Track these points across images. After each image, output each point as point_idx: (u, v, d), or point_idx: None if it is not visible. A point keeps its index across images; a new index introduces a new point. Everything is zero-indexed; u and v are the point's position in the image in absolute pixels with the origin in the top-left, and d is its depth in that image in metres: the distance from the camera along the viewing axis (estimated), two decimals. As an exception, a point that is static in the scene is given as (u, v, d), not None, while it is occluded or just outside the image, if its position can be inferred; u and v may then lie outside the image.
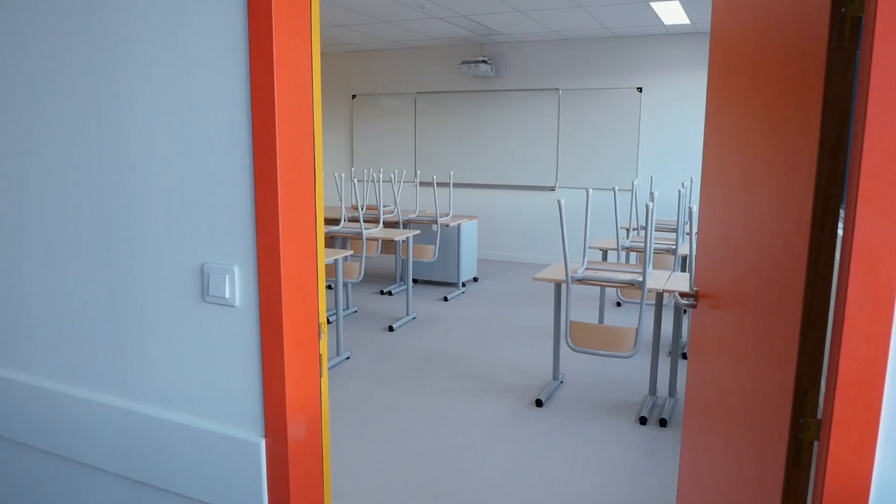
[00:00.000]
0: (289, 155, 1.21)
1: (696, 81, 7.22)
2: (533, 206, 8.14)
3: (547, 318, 5.49)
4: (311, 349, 1.33)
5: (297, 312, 1.27)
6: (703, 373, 1.74)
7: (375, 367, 4.30)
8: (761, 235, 1.24)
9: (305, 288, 1.29)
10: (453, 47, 8.20)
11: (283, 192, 1.20)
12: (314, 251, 1.30)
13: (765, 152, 1.22)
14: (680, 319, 3.77)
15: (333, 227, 5.32)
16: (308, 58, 1.24)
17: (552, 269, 3.86)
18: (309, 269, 1.30)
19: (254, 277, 1.25)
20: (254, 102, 1.18)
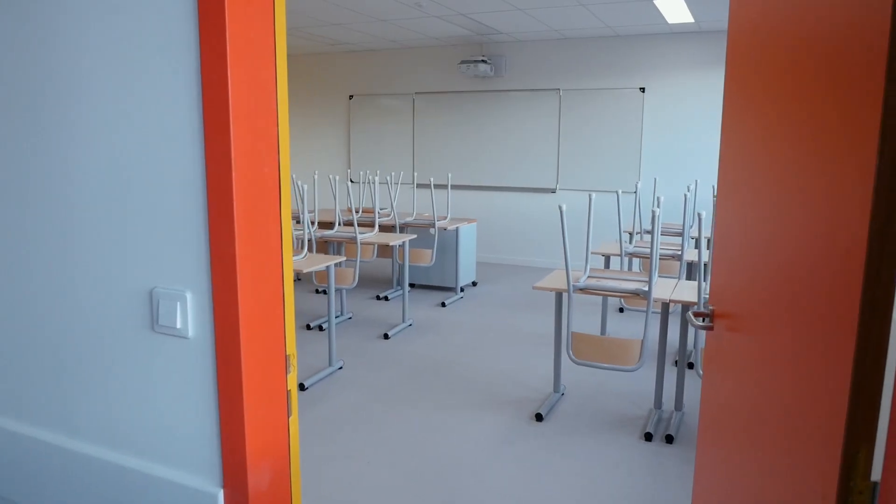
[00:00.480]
0: (247, 164, 1.04)
1: (701, 81, 7.05)
2: (533, 208, 7.97)
3: (548, 326, 5.32)
4: (276, 386, 1.16)
5: (259, 344, 1.11)
6: (722, 398, 1.58)
7: (368, 378, 4.14)
8: (797, 251, 1.07)
9: (269, 316, 1.13)
10: (452, 47, 8.03)
11: (240, 206, 1.03)
12: (279, 273, 1.13)
13: (807, 158, 1.05)
14: (687, 329, 3.60)
15: (327, 232, 5.16)
16: (270, 51, 1.07)
17: (553, 277, 3.69)
18: (273, 293, 1.13)
19: (209, 305, 1.09)
20: (206, 104, 1.01)
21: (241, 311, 1.06)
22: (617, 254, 4.59)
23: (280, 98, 1.10)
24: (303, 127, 9.18)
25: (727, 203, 1.57)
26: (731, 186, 1.53)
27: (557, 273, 3.80)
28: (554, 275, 3.77)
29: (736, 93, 1.55)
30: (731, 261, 1.53)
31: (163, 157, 1.07)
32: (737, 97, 1.54)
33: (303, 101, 9.11)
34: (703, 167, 7.09)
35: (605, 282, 3.47)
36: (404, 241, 5.16)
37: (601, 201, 7.48)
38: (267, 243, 1.10)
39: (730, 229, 1.54)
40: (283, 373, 1.17)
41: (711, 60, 6.98)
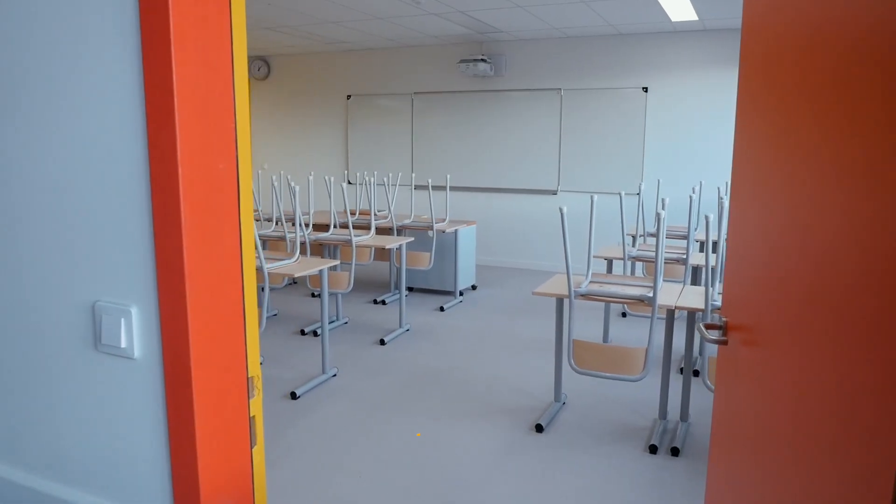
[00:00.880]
0: (198, 159, 0.90)
1: (705, 81, 6.91)
2: (534, 210, 7.84)
3: (549, 331, 5.17)
4: (236, 412, 1.02)
5: (215, 365, 0.97)
6: (740, 415, 1.44)
7: (363, 386, 4.00)
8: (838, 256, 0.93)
9: (228, 332, 0.99)
10: (451, 46, 7.90)
11: (189, 208, 0.89)
12: (238, 283, 1.00)
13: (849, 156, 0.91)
14: (693, 336, 3.46)
15: (322, 234, 5.02)
16: (225, 29, 0.93)
17: (553, 283, 3.55)
18: (232, 307, 0.99)
19: (156, 321, 0.95)
20: (147, 91, 0.88)
21: (191, 327, 0.92)
22: (620, 257, 4.45)
23: (238, 83, 0.96)
24: (300, 127, 9.06)
25: (743, 206, 1.43)
26: (747, 189, 1.39)
27: (558, 278, 3.66)
28: (554, 279, 3.63)
29: (753, 91, 1.41)
30: (747, 269, 1.39)
31: (102, 153, 0.93)
32: (754, 95, 1.40)
33: (300, 101, 8.99)
34: (708, 168, 6.94)
35: (607, 287, 3.32)
36: (401, 245, 5.02)
37: (603, 203, 7.34)
38: (223, 249, 0.96)
39: (746, 234, 1.40)
40: (244, 397, 1.03)
41: (716, 59, 6.85)
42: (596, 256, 4.47)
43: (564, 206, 3.02)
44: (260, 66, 9.03)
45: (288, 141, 9.17)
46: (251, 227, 1.02)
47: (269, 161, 9.33)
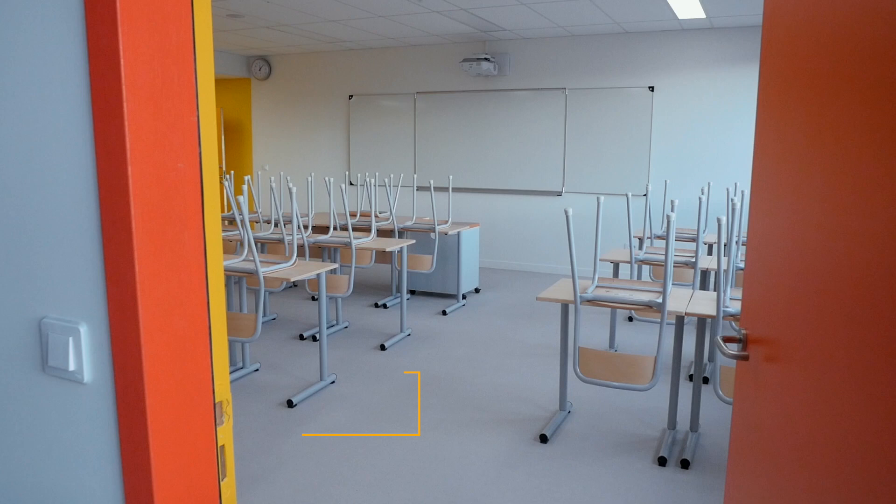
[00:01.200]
0: (152, 159, 0.79)
1: (712, 80, 6.77)
2: (538, 212, 7.71)
3: (553, 337, 5.05)
4: (201, 442, 0.91)
5: (175, 390, 0.86)
6: (765, 434, 1.31)
7: (362, 394, 3.88)
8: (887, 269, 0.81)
9: (190, 353, 0.87)
10: (454, 44, 7.79)
11: (141, 213, 0.78)
12: (202, 297, 0.88)
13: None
14: (703, 340, 3.33)
15: (321, 237, 4.91)
16: (186, 11, 0.82)
17: (558, 287, 3.43)
18: (194, 323, 0.88)
19: (107, 341, 0.83)
20: (93, 80, 0.76)
21: (145, 348, 0.80)
22: (626, 261, 4.32)
23: (202, 73, 0.85)
24: (301, 128, 8.96)
25: (767, 209, 1.31)
26: (772, 190, 1.27)
27: (563, 282, 3.54)
28: (560, 284, 3.51)
29: (779, 86, 1.29)
30: (771, 277, 1.27)
31: (47, 152, 0.82)
32: (781, 90, 1.28)
33: (301, 101, 8.89)
34: (716, 169, 6.81)
35: (614, 293, 3.20)
36: (402, 247, 4.91)
37: (608, 205, 7.22)
38: (184, 258, 0.85)
39: (770, 239, 1.28)
40: (210, 425, 0.92)
41: (724, 58, 6.71)
42: (602, 259, 4.35)
43: (570, 209, 2.90)
44: (261, 65, 8.94)
45: (289, 141, 9.07)
46: (218, 234, 0.91)
47: (271, 162, 9.24)
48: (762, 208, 1.34)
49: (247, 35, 7.41)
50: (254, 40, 7.76)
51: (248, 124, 9.33)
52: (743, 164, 6.72)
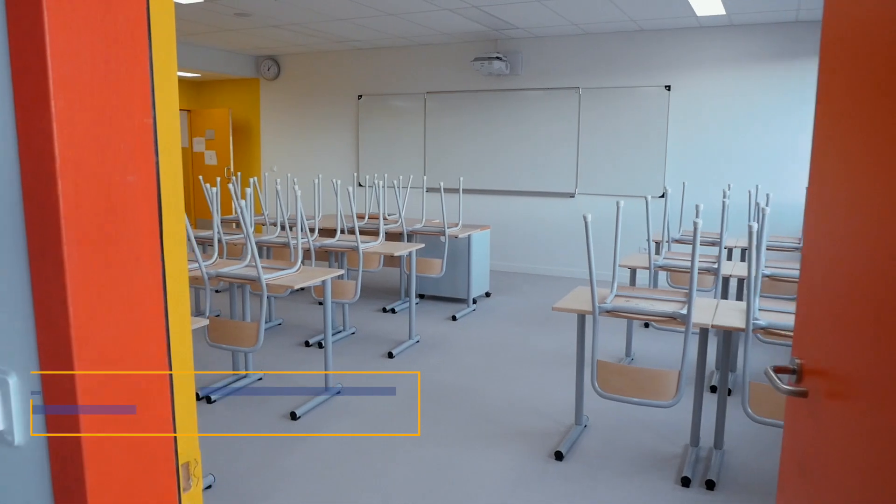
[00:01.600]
0: (89, 169, 0.63)
1: (731, 79, 6.57)
2: (550, 214, 7.53)
3: (568, 344, 4.87)
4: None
5: (123, 453, 0.70)
6: (821, 487, 1.14)
7: (369, 405, 3.73)
8: None
9: (145, 407, 0.72)
10: (465, 43, 7.62)
11: (75, 237, 0.62)
12: (162, 337, 0.72)
13: None
14: (730, 350, 3.14)
15: (327, 241, 4.76)
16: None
17: (575, 296, 3.26)
18: (150, 371, 0.72)
19: (41, 395, 0.68)
20: (15, 76, 0.61)
21: (83, 400, 0.65)
22: (645, 266, 4.14)
23: (160, 67, 0.69)
24: (310, 128, 8.83)
25: (829, 218, 1.14)
26: (836, 198, 1.10)
27: (580, 290, 3.37)
28: (576, 292, 3.34)
29: (842, 88, 1.12)
30: (835, 296, 1.10)
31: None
32: (845, 93, 1.11)
33: (310, 101, 8.76)
34: (735, 171, 6.60)
35: (635, 302, 3.03)
36: (411, 252, 4.75)
37: (624, 207, 7.01)
38: (136, 289, 0.69)
39: (834, 253, 1.11)
40: (173, 492, 0.76)
41: (744, 56, 6.50)
42: (621, 266, 4.17)
43: (589, 214, 2.73)
44: (270, 65, 8.82)
45: (298, 142, 8.95)
46: (182, 261, 0.75)
47: (279, 163, 9.12)
48: (823, 217, 1.17)
49: (255, 34, 7.28)
50: (262, 40, 7.63)
51: (256, 125, 9.22)
52: (763, 166, 6.51)
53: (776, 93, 6.42)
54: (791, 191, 6.11)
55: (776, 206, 5.78)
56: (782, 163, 6.46)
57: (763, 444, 3.26)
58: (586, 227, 2.76)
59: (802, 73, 6.28)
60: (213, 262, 3.83)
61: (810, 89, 6.28)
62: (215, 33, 7.21)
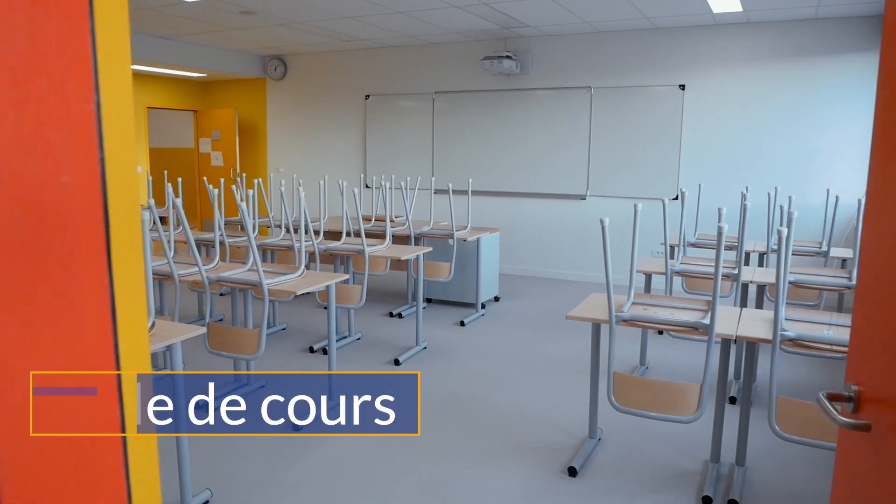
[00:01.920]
0: (6, 168, 0.50)
1: (748, 78, 6.40)
2: (561, 216, 7.38)
3: (580, 351, 4.72)
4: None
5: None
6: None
7: (374, 415, 3.59)
8: None
9: (88, 487, 0.58)
10: (474, 42, 7.49)
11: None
12: (112, 384, 0.59)
13: None
14: (753, 359, 2.98)
15: (332, 244, 4.63)
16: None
17: (590, 304, 3.11)
18: (93, 434, 0.58)
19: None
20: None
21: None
22: (661, 272, 3.98)
23: (106, 41, 0.56)
24: (317, 129, 8.72)
25: (894, 225, 0.99)
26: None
27: (595, 297, 3.22)
28: (591, 300, 3.19)
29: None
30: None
31: None
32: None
33: (317, 101, 8.65)
34: (751, 172, 6.43)
35: (653, 311, 2.88)
36: (419, 255, 4.61)
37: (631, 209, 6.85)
38: (67, 324, 0.55)
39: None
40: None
41: (761, 55, 6.33)
42: (639, 271, 4.01)
43: (606, 218, 2.58)
44: (276, 65, 8.72)
45: (304, 143, 8.84)
46: (137, 267, 0.61)
47: (285, 164, 9.01)
48: (886, 225, 1.02)
49: (261, 33, 7.18)
50: (269, 39, 7.53)
51: (262, 125, 9.12)
52: (780, 168, 6.34)
53: (794, 93, 6.24)
54: (810, 193, 5.93)
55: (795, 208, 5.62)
56: (799, 164, 6.29)
57: (786, 459, 3.10)
58: (603, 232, 2.61)
59: (822, 72, 6.11)
60: (214, 266, 3.71)
61: (830, 89, 6.10)
62: (221, 32, 7.11)
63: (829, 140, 6.17)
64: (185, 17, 6.29)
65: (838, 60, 6.03)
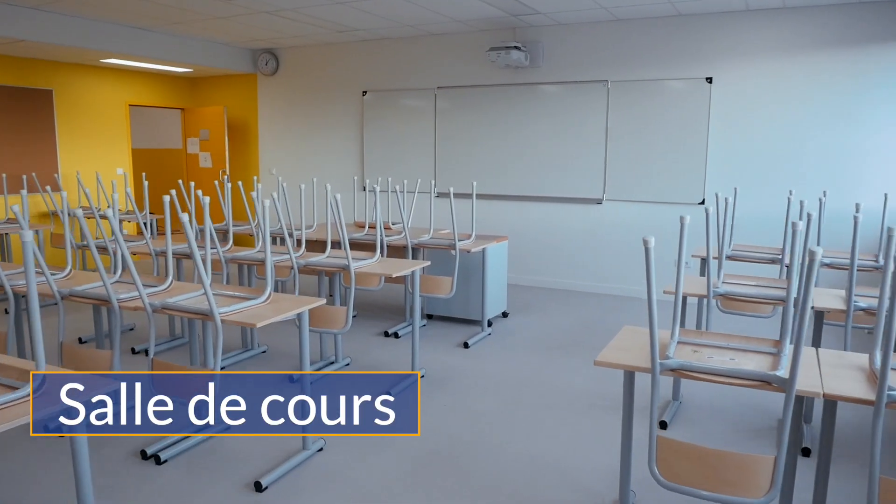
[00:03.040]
0: None
1: (783, 69, 5.74)
2: (575, 222, 6.75)
3: (604, 379, 4.08)
4: None
5: None
6: None
7: (357, 469, 2.98)
8: None
9: None
10: (480, 32, 6.86)
11: None
12: None
13: None
14: (834, 416, 2.33)
15: (313, 258, 4.02)
16: None
17: (623, 342, 2.47)
18: None
19: None
20: None
21: None
22: (699, 293, 3.33)
23: None
24: (311, 128, 8.12)
25: None
26: None
27: (629, 334, 2.58)
28: (625, 336, 2.55)
29: None
30: None
31: None
32: None
33: (311, 98, 8.05)
34: (787, 174, 5.78)
35: (706, 354, 2.24)
36: (415, 271, 3.99)
37: (655, 217, 6.23)
38: None
39: None
40: None
41: (798, 43, 5.68)
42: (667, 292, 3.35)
43: (652, 238, 1.96)
44: (267, 59, 8.13)
45: (298, 143, 8.24)
46: None
47: (278, 164, 8.42)
48: None
49: (248, 23, 6.58)
50: (257, 29, 6.93)
51: (253, 124, 8.53)
52: (821, 169, 5.68)
53: (836, 85, 5.59)
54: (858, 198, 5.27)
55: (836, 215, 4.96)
56: (845, 165, 5.63)
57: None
58: (647, 255, 1.98)
59: (867, 61, 5.45)
60: (166, 289, 3.11)
61: (881, 81, 5.43)
62: (204, 22, 6.51)
63: (882, 137, 5.50)
64: (162, 3, 5.70)
65: (889, 49, 5.36)
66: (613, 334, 2.57)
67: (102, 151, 7.90)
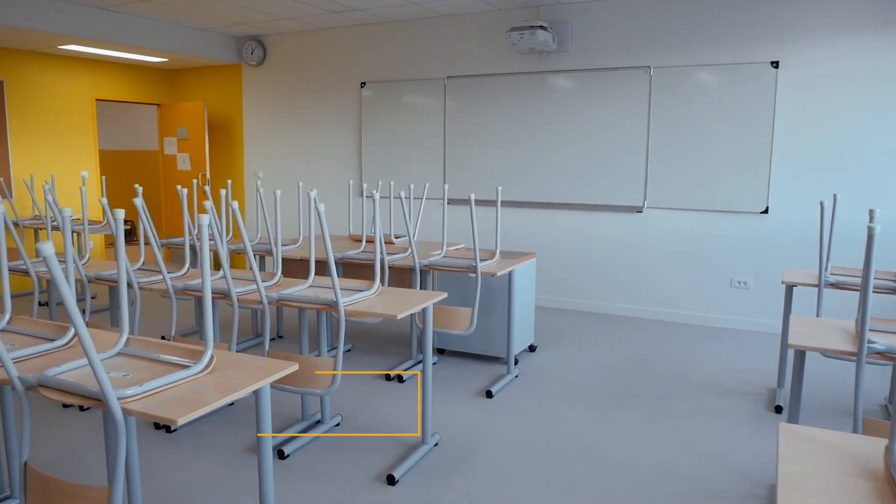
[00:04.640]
0: None
1: (862, 52, 4.75)
2: (612, 233, 5.75)
3: (683, 442, 3.07)
4: None
5: None
6: None
7: None
8: None
9: None
10: (498, 11, 5.88)
11: None
12: None
13: None
14: None
15: (287, 291, 3.00)
16: None
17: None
18: None
19: None
20: None
21: None
22: (845, 352, 2.32)
23: None
24: (303, 125, 7.13)
25: None
26: None
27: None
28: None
29: None
30: None
31: None
32: None
33: (303, 91, 7.06)
34: (870, 177, 4.78)
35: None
36: (428, 307, 2.98)
37: (709, 228, 5.24)
38: None
39: None
40: None
41: (880, 20, 4.68)
42: (792, 346, 2.32)
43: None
44: (253, 48, 7.14)
45: (288, 142, 7.25)
46: None
47: (265, 168, 7.43)
48: None
49: (232, 4, 5.59)
50: (242, 12, 5.95)
51: (238, 121, 7.54)
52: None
53: (939, 68, 4.59)
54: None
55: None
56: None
57: None
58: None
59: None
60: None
61: None
62: (184, 5, 5.54)
63: None
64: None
65: None
66: (674, 376, 1.66)
67: (64, 153, 6.92)
